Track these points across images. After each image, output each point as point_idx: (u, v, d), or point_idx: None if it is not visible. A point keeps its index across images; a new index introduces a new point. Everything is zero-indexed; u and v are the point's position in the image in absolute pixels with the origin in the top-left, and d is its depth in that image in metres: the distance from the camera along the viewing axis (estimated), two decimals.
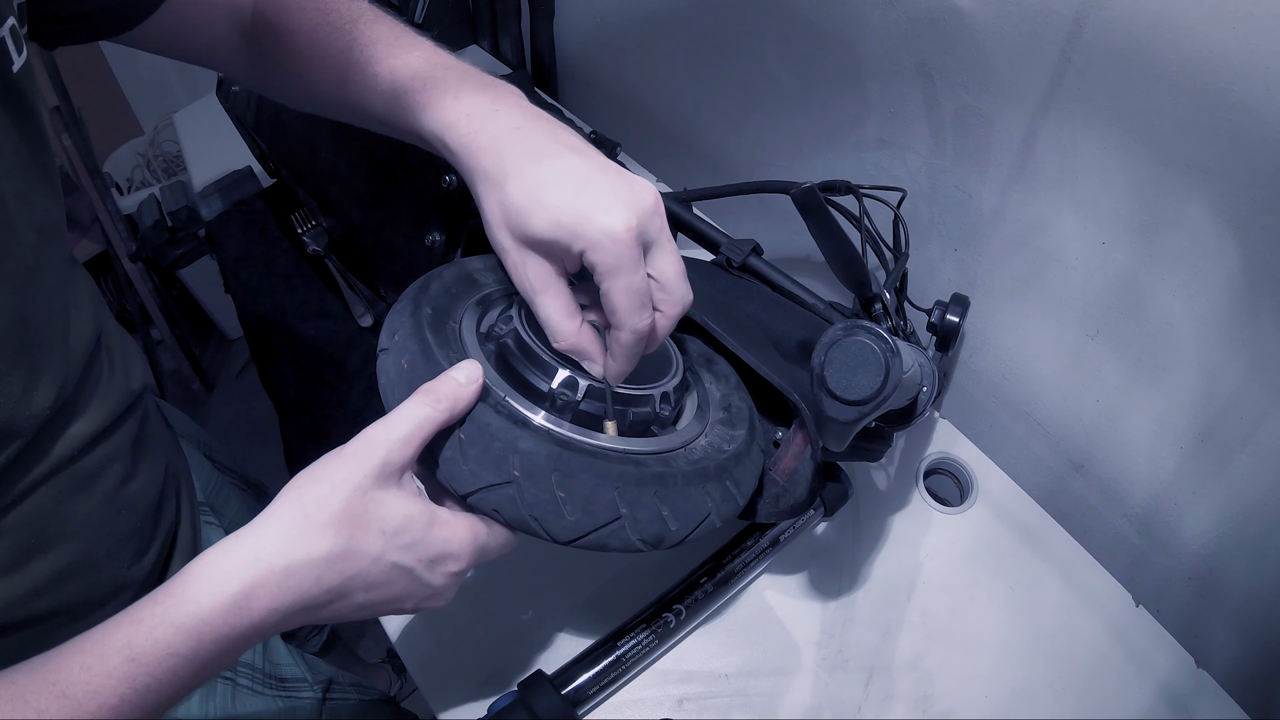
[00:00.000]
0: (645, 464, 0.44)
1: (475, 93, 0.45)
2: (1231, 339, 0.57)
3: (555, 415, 0.45)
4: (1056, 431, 0.74)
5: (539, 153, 0.43)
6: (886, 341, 0.42)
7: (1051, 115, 0.59)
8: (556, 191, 0.41)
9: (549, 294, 0.44)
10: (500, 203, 0.43)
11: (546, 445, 0.42)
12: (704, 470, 0.46)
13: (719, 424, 0.53)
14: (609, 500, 0.42)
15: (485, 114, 0.44)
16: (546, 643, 0.65)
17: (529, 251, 0.43)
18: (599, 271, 0.41)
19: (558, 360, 0.46)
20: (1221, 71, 0.48)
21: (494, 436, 0.41)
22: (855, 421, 0.44)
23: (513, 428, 0.42)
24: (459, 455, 0.41)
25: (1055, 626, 0.68)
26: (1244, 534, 0.63)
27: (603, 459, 0.43)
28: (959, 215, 0.71)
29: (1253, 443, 0.59)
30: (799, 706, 0.63)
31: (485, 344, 0.47)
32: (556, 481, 0.41)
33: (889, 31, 0.67)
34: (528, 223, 0.42)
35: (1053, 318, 0.69)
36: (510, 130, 0.44)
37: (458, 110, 0.45)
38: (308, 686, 0.72)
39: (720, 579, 0.64)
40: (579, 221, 0.40)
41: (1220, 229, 0.54)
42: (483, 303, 0.52)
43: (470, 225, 0.67)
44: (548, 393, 0.45)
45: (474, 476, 0.41)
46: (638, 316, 0.42)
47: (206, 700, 0.62)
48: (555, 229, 0.41)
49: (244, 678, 0.67)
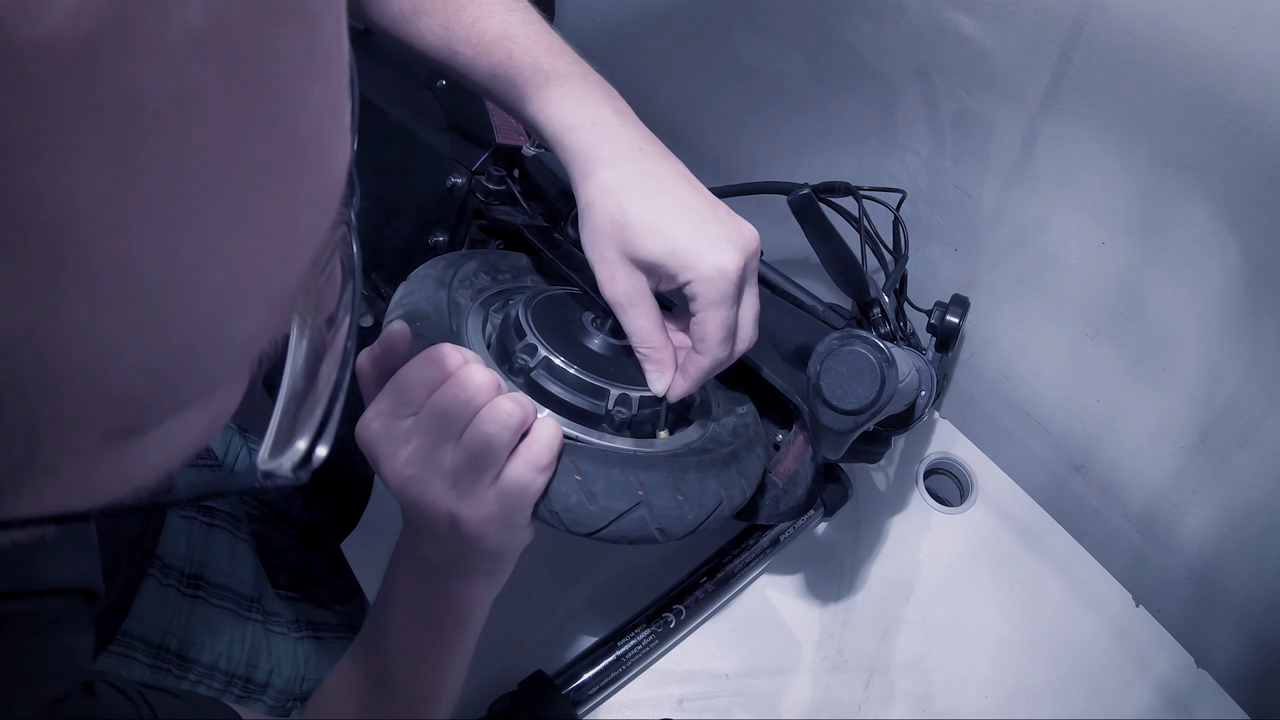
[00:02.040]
0: (711, 452, 0.48)
1: (601, 101, 0.47)
2: (1231, 339, 0.57)
3: (612, 432, 0.47)
4: (1057, 431, 0.74)
5: (661, 180, 0.45)
6: (882, 351, 0.42)
7: (1051, 115, 0.59)
8: (675, 221, 0.44)
9: (643, 307, 0.46)
10: (615, 219, 0.44)
11: (661, 464, 0.45)
12: (724, 458, 0.49)
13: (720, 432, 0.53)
14: (714, 490, 0.46)
15: (611, 126, 0.46)
16: (546, 643, 0.65)
17: (629, 267, 0.45)
18: (700, 302, 0.44)
19: (607, 382, 0.47)
20: (1221, 71, 0.48)
21: (610, 465, 0.44)
22: (851, 431, 0.44)
23: (608, 456, 0.44)
24: (582, 492, 0.43)
25: (1055, 626, 0.68)
26: (1244, 534, 0.63)
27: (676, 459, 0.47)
28: (959, 216, 0.71)
29: (1253, 443, 0.59)
30: (799, 706, 0.63)
31: (514, 376, 0.48)
32: (680, 488, 0.45)
33: (889, 32, 0.66)
34: (642, 244, 0.44)
35: (1053, 318, 0.69)
36: (634, 150, 0.46)
37: (583, 115, 0.46)
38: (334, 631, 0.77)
39: (720, 579, 0.64)
40: (693, 254, 0.43)
41: (1220, 229, 0.54)
42: (493, 299, 0.53)
43: (474, 226, 0.67)
44: (605, 414, 0.47)
45: (606, 511, 0.43)
46: (722, 347, 0.45)
47: (236, 639, 0.66)
48: (669, 256, 0.43)
49: (275, 623, 0.72)
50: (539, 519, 0.43)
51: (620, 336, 0.50)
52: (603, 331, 0.50)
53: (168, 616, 0.62)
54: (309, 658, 0.74)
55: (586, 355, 0.48)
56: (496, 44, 0.48)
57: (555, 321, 0.49)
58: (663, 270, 0.44)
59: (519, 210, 0.62)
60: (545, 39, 0.49)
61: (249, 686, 0.68)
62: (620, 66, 0.49)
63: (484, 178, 0.61)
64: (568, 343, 0.48)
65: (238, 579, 0.70)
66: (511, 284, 0.56)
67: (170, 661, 0.62)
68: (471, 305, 0.51)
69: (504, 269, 0.56)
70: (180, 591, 0.64)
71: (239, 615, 0.69)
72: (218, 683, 0.66)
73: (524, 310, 0.48)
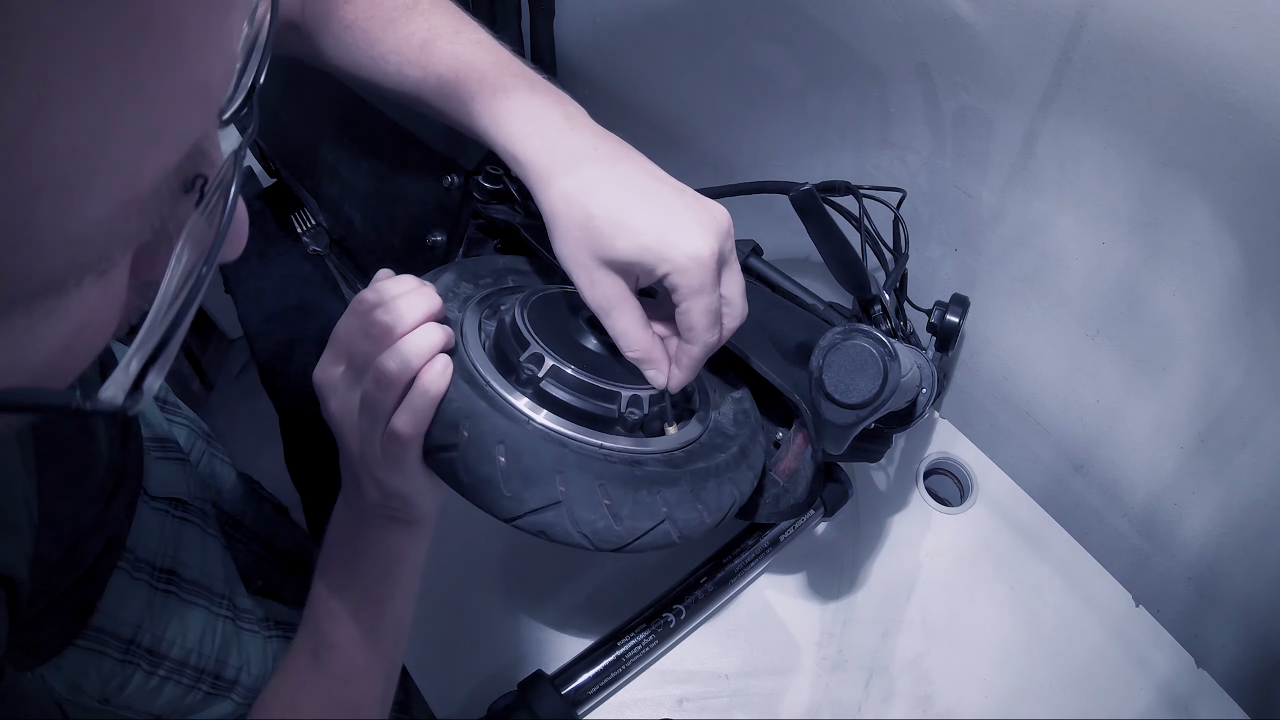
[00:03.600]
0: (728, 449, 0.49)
1: (548, 107, 0.47)
2: (1231, 339, 0.57)
3: (618, 434, 0.47)
4: (1056, 431, 0.74)
5: (622, 178, 0.45)
6: (885, 345, 0.42)
7: (1051, 115, 0.59)
8: (642, 217, 0.43)
9: (625, 310, 0.45)
10: (581, 224, 0.44)
11: (684, 478, 0.45)
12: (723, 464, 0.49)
13: (722, 422, 0.53)
14: (729, 491, 0.47)
15: (560, 131, 0.46)
16: (546, 643, 0.65)
17: (605, 270, 0.44)
18: (680, 292, 0.43)
19: (616, 384, 0.47)
20: (1221, 71, 0.48)
21: (638, 488, 0.44)
22: (853, 425, 0.44)
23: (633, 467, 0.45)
24: (610, 516, 0.43)
25: (1055, 626, 0.68)
26: (1244, 534, 0.63)
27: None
28: (959, 215, 0.71)
29: (1253, 443, 0.59)
30: (799, 706, 0.63)
31: (522, 388, 0.47)
32: (701, 498, 0.45)
33: (889, 31, 0.66)
34: (612, 245, 0.43)
35: (1053, 318, 0.69)
36: (589, 151, 0.45)
37: (530, 124, 0.46)
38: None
39: (720, 579, 0.64)
40: (665, 246, 0.42)
41: (1220, 229, 0.54)
42: (481, 305, 0.52)
43: (472, 226, 0.67)
44: (618, 416, 0.47)
45: (632, 530, 0.43)
46: (710, 333, 0.45)
47: (207, 634, 0.66)
48: (641, 252, 0.43)
49: (245, 620, 0.71)
50: (569, 543, 0.43)
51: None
52: (597, 330, 0.50)
53: (139, 610, 0.62)
54: (278, 656, 0.73)
55: (590, 358, 0.48)
56: (443, 63, 0.48)
57: (553, 324, 0.49)
58: (639, 267, 0.44)
59: (516, 210, 0.62)
60: (491, 54, 0.49)
61: (218, 683, 0.68)
62: (620, 66, 0.49)
63: (480, 177, 0.61)
64: (570, 347, 0.48)
65: (209, 574, 0.70)
66: (494, 287, 0.55)
67: (140, 656, 0.62)
68: (461, 316, 0.50)
69: (483, 274, 0.56)
70: (152, 585, 0.64)
71: (210, 611, 0.69)
72: (187, 678, 0.65)
73: (521, 315, 0.48)
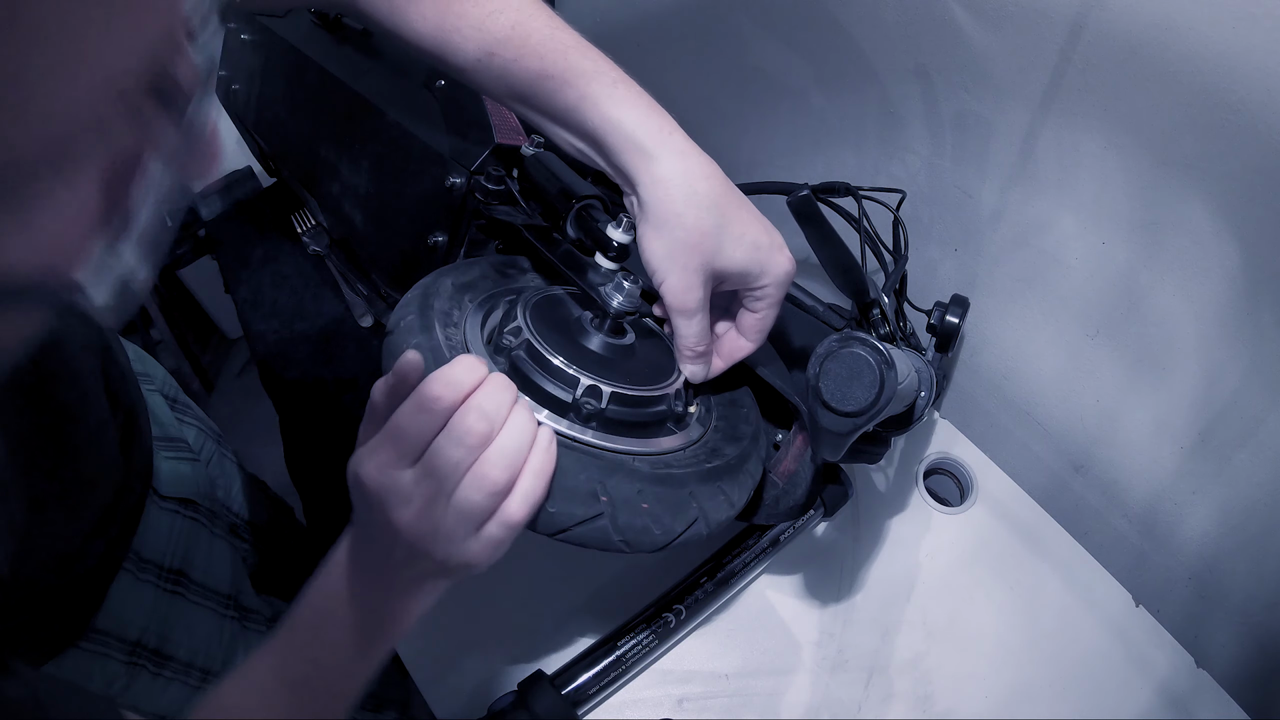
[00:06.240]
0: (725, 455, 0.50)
1: (651, 112, 0.48)
2: (1231, 339, 0.57)
3: (580, 423, 0.47)
4: (1056, 431, 0.74)
5: (730, 193, 0.47)
6: (881, 353, 0.42)
7: (1051, 115, 0.59)
8: (754, 230, 0.47)
9: (705, 312, 0.48)
10: (705, 230, 0.45)
11: (709, 475, 0.47)
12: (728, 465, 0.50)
13: (723, 423, 0.53)
14: (746, 486, 0.50)
15: (677, 133, 0.47)
16: (546, 643, 0.65)
17: (707, 276, 0.47)
18: (768, 301, 0.48)
19: (581, 371, 0.47)
20: (1221, 71, 0.48)
21: (677, 487, 0.45)
22: (850, 433, 0.44)
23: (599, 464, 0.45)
24: (650, 519, 0.44)
25: (1055, 626, 0.68)
26: (1244, 534, 0.63)
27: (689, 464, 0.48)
28: (959, 216, 0.71)
29: (1253, 443, 0.59)
30: (799, 706, 0.63)
31: (496, 355, 0.48)
32: (723, 487, 0.47)
33: (889, 32, 0.66)
34: (733, 254, 0.46)
35: (1053, 318, 0.69)
36: (698, 156, 0.47)
37: (636, 117, 0.47)
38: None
39: (720, 579, 0.64)
40: (769, 258, 0.47)
41: (1220, 228, 0.54)
42: (484, 304, 0.53)
43: (473, 226, 0.67)
44: (572, 402, 0.47)
45: (668, 532, 0.44)
46: (764, 337, 0.50)
47: (214, 635, 0.66)
48: (752, 263, 0.46)
49: (252, 621, 0.72)
50: (606, 549, 0.44)
51: (620, 336, 0.50)
52: (602, 331, 0.50)
53: (144, 612, 0.61)
54: None
55: (597, 359, 0.48)
56: (549, 50, 0.48)
57: (558, 331, 0.49)
58: (740, 276, 0.47)
59: (518, 210, 0.62)
60: (592, 51, 0.49)
61: None
62: (620, 66, 0.49)
63: (483, 177, 0.61)
64: (583, 353, 0.48)
65: (216, 575, 0.70)
66: (492, 289, 0.55)
67: (146, 658, 0.61)
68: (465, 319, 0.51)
69: (477, 283, 0.56)
70: (159, 587, 0.63)
71: (217, 613, 0.69)
72: (193, 680, 0.65)
73: (533, 332, 0.48)
